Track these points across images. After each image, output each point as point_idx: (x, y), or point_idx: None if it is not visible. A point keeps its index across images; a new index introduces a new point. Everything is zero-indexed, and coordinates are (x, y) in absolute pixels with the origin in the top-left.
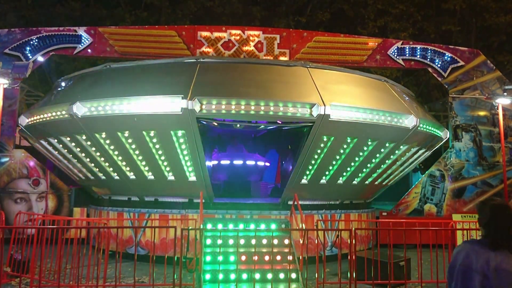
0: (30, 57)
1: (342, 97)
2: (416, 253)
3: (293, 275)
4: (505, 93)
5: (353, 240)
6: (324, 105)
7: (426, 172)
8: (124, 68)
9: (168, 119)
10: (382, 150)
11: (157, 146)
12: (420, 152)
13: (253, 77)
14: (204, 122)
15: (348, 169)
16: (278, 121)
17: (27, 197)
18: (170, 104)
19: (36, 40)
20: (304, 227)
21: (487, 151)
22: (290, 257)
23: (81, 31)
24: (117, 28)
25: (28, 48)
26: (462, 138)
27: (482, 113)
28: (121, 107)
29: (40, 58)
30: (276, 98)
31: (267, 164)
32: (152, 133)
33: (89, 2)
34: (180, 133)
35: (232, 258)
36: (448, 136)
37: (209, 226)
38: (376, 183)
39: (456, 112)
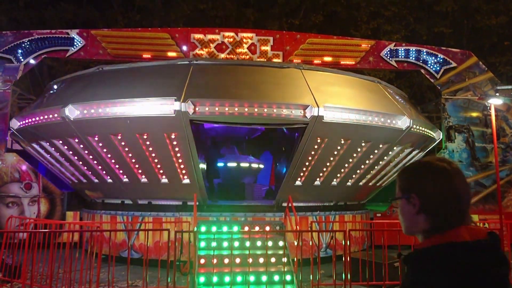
0: (22, 60)
1: (335, 98)
2: None
3: (288, 277)
4: (497, 94)
5: (348, 242)
6: (318, 107)
7: None
8: (117, 70)
9: (161, 122)
10: (376, 151)
11: (151, 149)
12: (414, 153)
13: (246, 79)
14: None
15: (342, 170)
16: None
17: (19, 201)
18: (163, 106)
19: (28, 42)
20: (298, 229)
21: (480, 152)
22: (284, 259)
23: (74, 33)
24: (110, 30)
25: (20, 51)
26: (455, 139)
27: (474, 114)
28: (114, 109)
29: (32, 61)
30: (269, 100)
31: (261, 166)
32: (145, 136)
33: (82, 4)
34: (173, 135)
35: (226, 260)
36: (441, 137)
37: (203, 228)
38: (370, 184)
39: (448, 113)
